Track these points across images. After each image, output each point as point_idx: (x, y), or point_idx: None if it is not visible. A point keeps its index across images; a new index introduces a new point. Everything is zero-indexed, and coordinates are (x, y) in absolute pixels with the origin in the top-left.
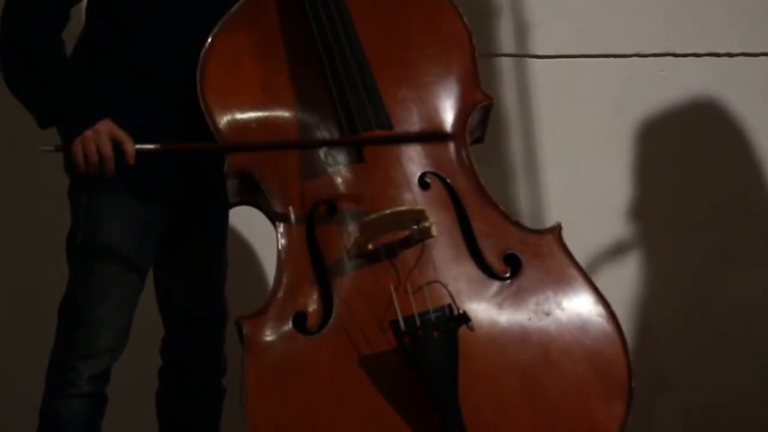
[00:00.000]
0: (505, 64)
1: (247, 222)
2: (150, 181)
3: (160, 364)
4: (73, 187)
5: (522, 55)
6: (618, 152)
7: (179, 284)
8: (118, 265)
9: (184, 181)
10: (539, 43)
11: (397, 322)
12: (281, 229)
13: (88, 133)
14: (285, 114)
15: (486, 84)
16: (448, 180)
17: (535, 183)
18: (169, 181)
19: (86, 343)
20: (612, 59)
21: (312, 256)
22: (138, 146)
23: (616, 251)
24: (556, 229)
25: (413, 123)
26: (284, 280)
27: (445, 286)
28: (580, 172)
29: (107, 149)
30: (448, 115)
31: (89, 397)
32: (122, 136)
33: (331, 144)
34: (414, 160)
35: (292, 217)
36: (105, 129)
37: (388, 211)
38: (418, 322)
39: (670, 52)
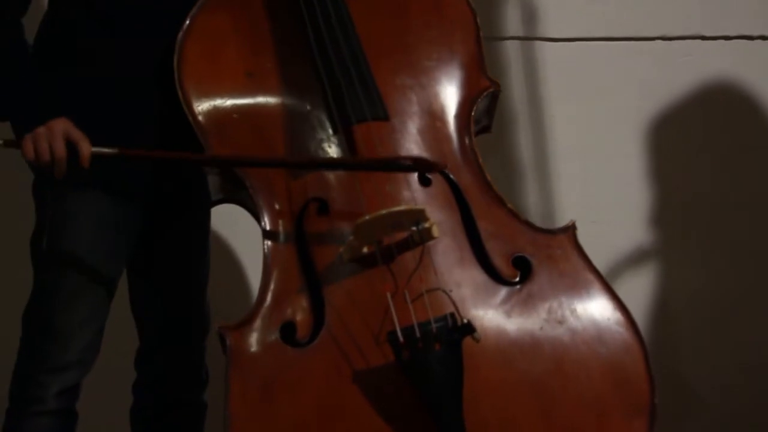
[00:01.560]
0: (513, 49)
1: (231, 222)
2: (124, 176)
3: (135, 378)
4: (38, 182)
5: (532, 38)
6: (637, 145)
7: (156, 289)
8: (88, 270)
9: (161, 176)
10: (551, 25)
11: (394, 333)
12: (268, 230)
13: (41, 129)
14: (272, 104)
15: (492, 70)
16: (450, 175)
17: (545, 181)
18: (144, 176)
19: (54, 355)
20: (632, 42)
21: (302, 261)
22: (95, 149)
23: (637, 256)
24: (570, 229)
25: (413, 113)
26: (271, 286)
27: (448, 293)
28: (594, 167)
29: (60, 149)
30: (450, 103)
31: (58, 414)
32: (77, 135)
33: (323, 166)
34: (413, 154)
35: (280, 217)
36: (59, 127)
37: (384, 212)
38: (417, 334)
39: (698, 34)
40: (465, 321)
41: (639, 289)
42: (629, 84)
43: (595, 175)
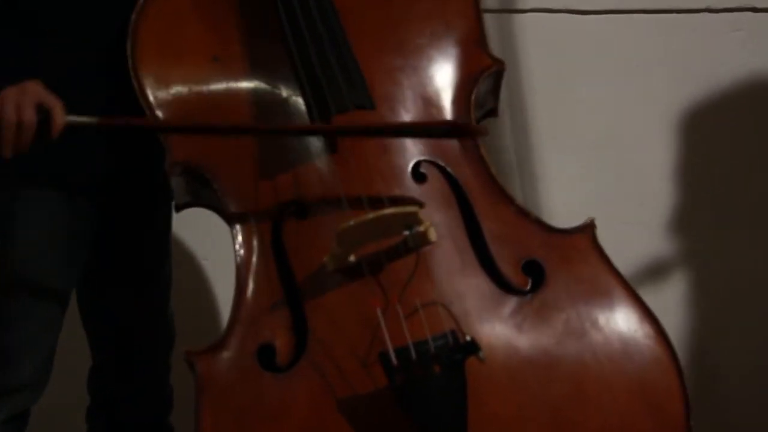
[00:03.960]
0: (532, 23)
1: (196, 226)
2: (76, 172)
3: (89, 402)
4: None
5: (555, 10)
6: (676, 137)
7: (111, 299)
8: (39, 281)
9: (117, 173)
10: None
11: (386, 354)
12: (240, 238)
13: (10, 90)
14: (240, 94)
15: (507, 48)
16: (449, 169)
17: (563, 175)
18: (99, 173)
19: (2, 378)
20: (673, 16)
21: (280, 272)
22: (69, 117)
23: (669, 261)
24: (589, 228)
25: (404, 99)
26: (245, 302)
27: (447, 307)
28: (624, 159)
29: (30, 114)
30: (447, 85)
31: None
32: (52, 101)
33: (301, 133)
34: (405, 147)
35: (254, 223)
36: (32, 89)
37: (370, 216)
38: (413, 355)
39: (749, 5)
40: (468, 339)
41: (667, 301)
42: (668, 63)
43: (625, 169)
